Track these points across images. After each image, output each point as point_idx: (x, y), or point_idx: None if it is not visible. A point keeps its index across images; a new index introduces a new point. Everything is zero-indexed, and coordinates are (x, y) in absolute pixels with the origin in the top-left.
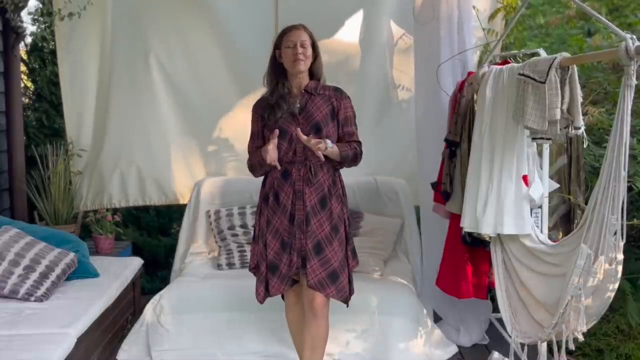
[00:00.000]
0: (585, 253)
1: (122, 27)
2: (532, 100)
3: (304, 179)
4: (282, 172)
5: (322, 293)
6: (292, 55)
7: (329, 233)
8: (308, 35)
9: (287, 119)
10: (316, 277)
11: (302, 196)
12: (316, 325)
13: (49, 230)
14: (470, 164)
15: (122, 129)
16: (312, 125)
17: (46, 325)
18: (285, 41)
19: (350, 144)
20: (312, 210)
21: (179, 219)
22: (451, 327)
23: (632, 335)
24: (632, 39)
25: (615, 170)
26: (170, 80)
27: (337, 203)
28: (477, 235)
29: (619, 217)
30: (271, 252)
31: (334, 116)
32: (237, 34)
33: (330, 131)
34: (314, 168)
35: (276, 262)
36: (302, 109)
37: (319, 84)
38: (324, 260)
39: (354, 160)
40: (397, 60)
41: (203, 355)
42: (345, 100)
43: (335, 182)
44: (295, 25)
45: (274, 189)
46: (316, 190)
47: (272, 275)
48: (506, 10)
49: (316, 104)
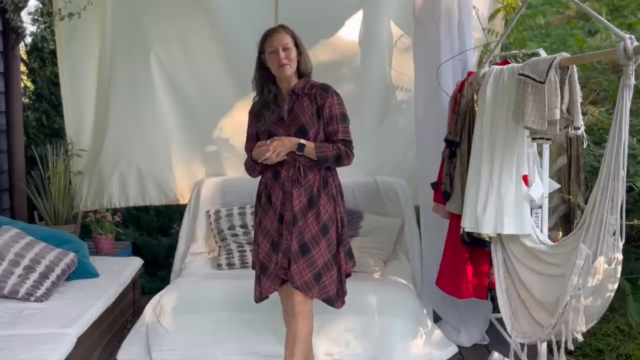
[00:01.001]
0: (585, 253)
1: (122, 27)
2: (532, 100)
3: (293, 180)
4: (273, 173)
5: (308, 294)
6: (277, 61)
7: (317, 234)
8: (290, 37)
9: (276, 122)
10: (302, 279)
11: (291, 197)
12: (295, 324)
13: (49, 230)
14: (471, 163)
15: (122, 129)
16: (298, 127)
17: (46, 325)
18: (267, 46)
19: (335, 143)
20: (300, 211)
21: (179, 219)
22: (451, 327)
23: (632, 335)
24: (631, 39)
25: (614, 170)
26: (170, 80)
27: (329, 203)
28: (476, 235)
29: (618, 217)
30: (262, 252)
31: (320, 115)
32: (238, 34)
33: (317, 132)
34: (303, 169)
35: (266, 263)
36: (290, 111)
37: (307, 83)
38: (311, 261)
39: (337, 160)
40: (396, 61)
41: (203, 355)
42: (330, 98)
43: (327, 183)
44: (274, 28)
45: (266, 189)
46: (305, 191)
47: (263, 275)
48: (506, 10)
49: (302, 105)
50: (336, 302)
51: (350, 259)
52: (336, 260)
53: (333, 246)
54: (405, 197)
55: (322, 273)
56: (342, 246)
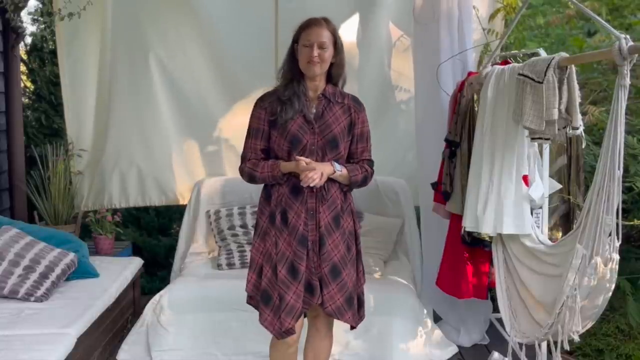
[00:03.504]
0: (581, 253)
1: (122, 27)
2: (530, 100)
3: (317, 195)
4: (291, 188)
5: (341, 320)
6: (307, 57)
7: (345, 254)
8: (330, 33)
9: (302, 126)
10: (334, 304)
11: (316, 215)
12: (321, 342)
13: (49, 230)
14: (472, 163)
15: (123, 129)
16: (329, 139)
17: (46, 326)
18: (303, 38)
19: (361, 164)
20: (327, 230)
21: (179, 219)
22: (451, 327)
23: (632, 335)
24: (626, 38)
25: (609, 170)
26: (170, 80)
27: (349, 219)
28: (477, 235)
29: (614, 217)
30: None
31: (350, 130)
32: (238, 34)
33: (345, 147)
34: (327, 183)
35: (283, 293)
36: (319, 116)
37: (337, 90)
38: (342, 285)
39: (363, 182)
40: (396, 61)
41: (203, 355)
42: (363, 114)
43: (346, 197)
44: (316, 19)
45: (281, 207)
46: (329, 208)
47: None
48: (506, 10)
49: (335, 114)
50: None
51: (364, 275)
52: (357, 277)
53: (354, 264)
54: (405, 197)
55: (352, 296)
56: (360, 262)
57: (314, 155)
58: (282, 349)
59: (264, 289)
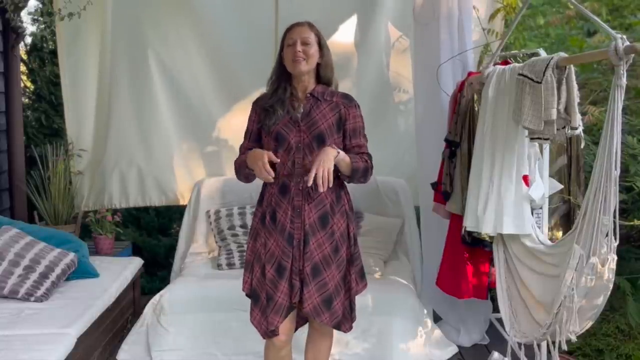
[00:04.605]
0: (578, 253)
1: (122, 27)
2: (529, 100)
3: (304, 194)
4: (280, 187)
5: (317, 320)
6: (292, 54)
7: (329, 255)
8: (313, 34)
9: (288, 125)
10: (311, 304)
11: (301, 213)
12: (321, 341)
13: (49, 230)
14: (473, 163)
15: (123, 129)
16: (315, 135)
17: (46, 326)
18: (287, 39)
19: (361, 155)
20: (311, 228)
21: (179, 219)
22: (451, 327)
23: (632, 335)
24: (622, 39)
25: (606, 170)
26: (170, 80)
27: (342, 220)
28: (477, 235)
29: (611, 217)
30: (256, 279)
31: (340, 126)
32: (238, 34)
33: (334, 143)
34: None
35: (271, 292)
36: (306, 115)
37: (327, 89)
38: (321, 284)
39: (364, 174)
40: (394, 62)
41: (203, 355)
42: (354, 109)
43: (339, 198)
44: (299, 22)
45: (271, 207)
46: (316, 207)
47: (267, 307)
48: (506, 10)
49: (322, 111)
50: (343, 325)
51: (362, 280)
52: (346, 281)
53: (343, 266)
54: (405, 197)
55: (333, 297)
56: (354, 266)
57: (300, 152)
58: (273, 352)
59: (253, 289)
